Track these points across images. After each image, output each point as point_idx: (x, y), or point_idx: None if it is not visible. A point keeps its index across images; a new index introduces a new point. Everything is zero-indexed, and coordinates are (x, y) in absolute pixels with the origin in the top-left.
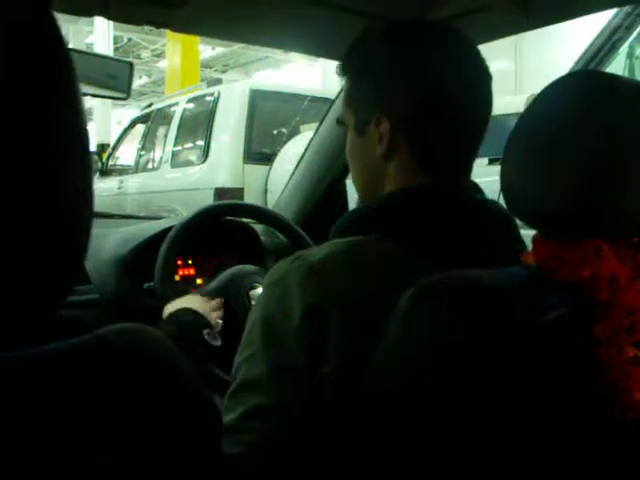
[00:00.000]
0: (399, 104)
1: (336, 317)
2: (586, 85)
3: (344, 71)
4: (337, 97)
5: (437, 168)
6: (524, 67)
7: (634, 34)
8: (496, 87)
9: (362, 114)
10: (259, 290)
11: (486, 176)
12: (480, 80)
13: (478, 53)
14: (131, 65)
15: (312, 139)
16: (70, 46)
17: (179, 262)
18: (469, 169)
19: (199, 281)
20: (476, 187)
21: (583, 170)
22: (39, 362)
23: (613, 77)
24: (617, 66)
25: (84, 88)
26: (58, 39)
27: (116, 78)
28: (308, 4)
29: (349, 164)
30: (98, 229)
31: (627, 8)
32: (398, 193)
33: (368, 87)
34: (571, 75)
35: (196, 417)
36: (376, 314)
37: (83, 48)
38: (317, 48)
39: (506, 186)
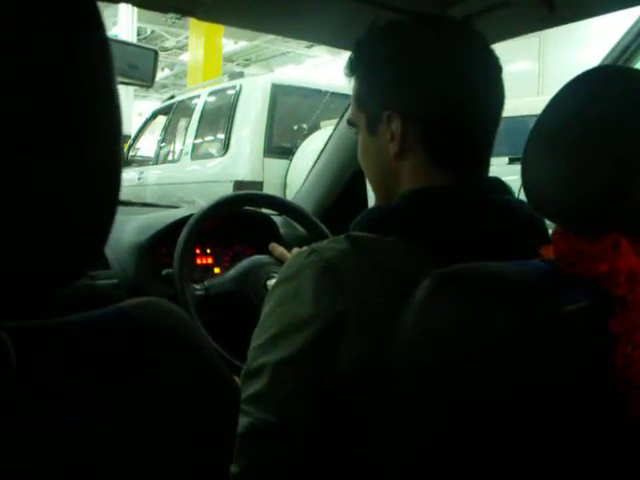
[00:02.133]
0: (409, 101)
1: (351, 315)
2: (607, 80)
3: (352, 71)
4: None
5: (452, 165)
6: (547, 68)
7: None
8: (519, 88)
9: (373, 113)
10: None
11: (507, 175)
12: (491, 76)
13: (490, 50)
14: (156, 52)
15: (332, 133)
16: None
17: (197, 250)
18: (486, 164)
19: (217, 270)
20: (501, 185)
21: (604, 166)
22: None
23: (634, 71)
24: None
25: None
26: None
27: (140, 66)
28: None
29: (362, 165)
30: (118, 216)
31: None
32: (417, 193)
33: (378, 85)
34: (592, 71)
35: (214, 390)
36: (392, 314)
37: None
38: (336, 38)
39: (527, 181)
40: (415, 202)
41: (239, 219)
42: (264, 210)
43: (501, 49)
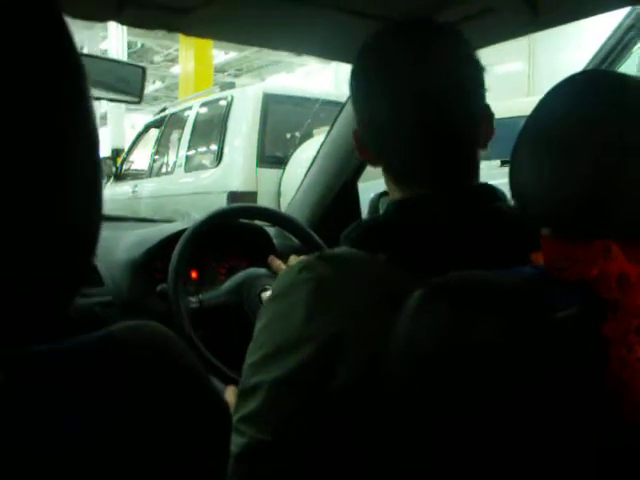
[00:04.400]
0: (363, 109)
1: (345, 336)
2: (594, 84)
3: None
4: (347, 101)
5: (426, 177)
6: (538, 69)
7: None
8: (509, 89)
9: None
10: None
11: (500, 178)
12: (459, 83)
13: (464, 55)
14: (144, 70)
15: (324, 142)
16: (84, 51)
17: (192, 264)
18: (469, 173)
19: (212, 283)
20: (493, 191)
21: (592, 170)
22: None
23: (622, 76)
24: (630, 66)
25: (97, 92)
26: (72, 50)
27: (129, 82)
28: (316, 6)
29: None
30: (111, 232)
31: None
32: (401, 205)
33: (356, 94)
34: (579, 75)
35: (206, 413)
36: (384, 332)
37: (98, 53)
38: (326, 50)
39: (515, 186)
40: (399, 216)
41: (233, 231)
42: (257, 221)
43: (491, 50)
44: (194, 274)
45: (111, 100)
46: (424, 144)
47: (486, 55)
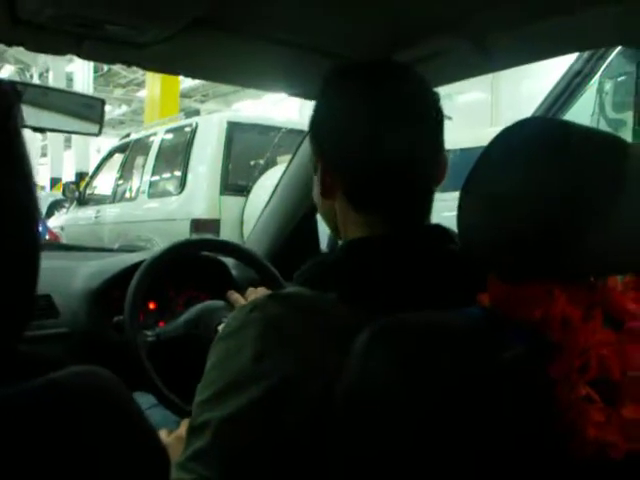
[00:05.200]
0: (330, 148)
1: (295, 377)
2: (540, 133)
3: None
4: (309, 131)
5: (376, 214)
6: (500, 99)
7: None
8: (472, 119)
9: (313, 153)
10: None
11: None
12: (426, 127)
13: (430, 99)
14: (103, 102)
15: (284, 172)
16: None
17: (150, 295)
18: (420, 213)
19: (169, 315)
20: (443, 232)
21: (533, 218)
22: None
23: (566, 124)
24: (587, 103)
25: (56, 124)
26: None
27: (88, 114)
28: (274, 44)
29: None
30: (70, 262)
31: (586, 53)
32: (351, 245)
33: (313, 128)
34: (526, 122)
35: (145, 458)
36: (336, 373)
37: (63, 76)
38: (284, 86)
39: (461, 225)
40: (350, 257)
41: (191, 263)
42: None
43: (450, 84)
44: (152, 305)
45: (70, 132)
46: (385, 183)
47: (449, 85)
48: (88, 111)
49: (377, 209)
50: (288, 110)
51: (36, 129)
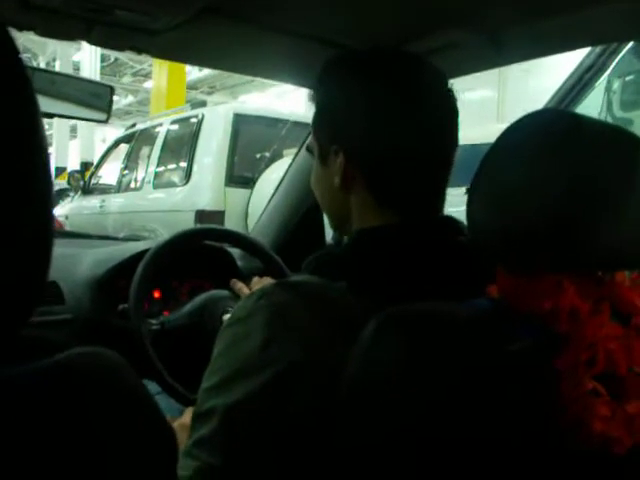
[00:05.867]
0: (354, 139)
1: (302, 365)
2: (551, 124)
3: (313, 99)
4: (317, 123)
5: (399, 204)
6: (507, 96)
7: (609, 69)
8: (478, 115)
9: (324, 144)
10: None
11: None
12: (444, 117)
13: (445, 89)
14: (112, 88)
15: (291, 164)
16: (57, 62)
17: (154, 284)
18: (437, 204)
19: (174, 304)
20: (454, 224)
21: (543, 210)
22: None
23: (578, 116)
24: (595, 100)
25: (64, 110)
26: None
27: (97, 101)
28: (284, 34)
29: (315, 194)
30: (75, 249)
31: (598, 48)
32: (362, 234)
33: (329, 118)
34: (537, 114)
35: (153, 440)
36: (342, 361)
37: (70, 65)
38: (293, 77)
39: (470, 220)
40: (360, 246)
41: (196, 252)
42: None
43: (462, 76)
44: (157, 294)
45: (78, 119)
46: (414, 174)
47: (456, 81)
48: (96, 98)
49: (399, 201)
50: (294, 103)
51: (44, 115)
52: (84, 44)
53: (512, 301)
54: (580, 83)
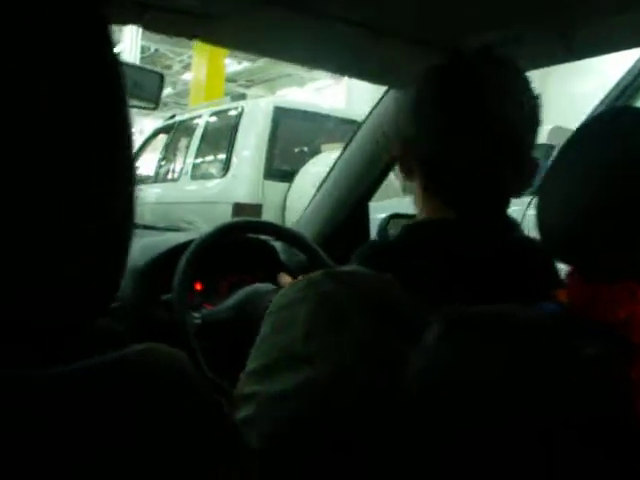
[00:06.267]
0: (415, 136)
1: (346, 355)
2: (625, 123)
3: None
4: (365, 120)
5: (454, 201)
6: (548, 98)
7: None
8: None
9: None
10: None
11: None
12: (518, 115)
13: (522, 87)
14: (162, 76)
15: (337, 160)
16: None
17: (196, 277)
18: (499, 204)
19: (215, 297)
20: (507, 222)
21: (621, 211)
22: (58, 381)
23: None
24: None
25: None
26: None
27: (146, 88)
28: (345, 26)
29: None
30: None
31: None
32: (413, 228)
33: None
34: (607, 113)
35: (222, 440)
36: (385, 353)
37: None
38: (353, 70)
39: (542, 223)
40: (410, 239)
41: (239, 245)
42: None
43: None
44: (198, 286)
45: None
46: (484, 174)
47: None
48: (146, 85)
49: (447, 196)
50: (333, 98)
51: None
52: (125, 35)
53: (583, 308)
54: (637, 81)
